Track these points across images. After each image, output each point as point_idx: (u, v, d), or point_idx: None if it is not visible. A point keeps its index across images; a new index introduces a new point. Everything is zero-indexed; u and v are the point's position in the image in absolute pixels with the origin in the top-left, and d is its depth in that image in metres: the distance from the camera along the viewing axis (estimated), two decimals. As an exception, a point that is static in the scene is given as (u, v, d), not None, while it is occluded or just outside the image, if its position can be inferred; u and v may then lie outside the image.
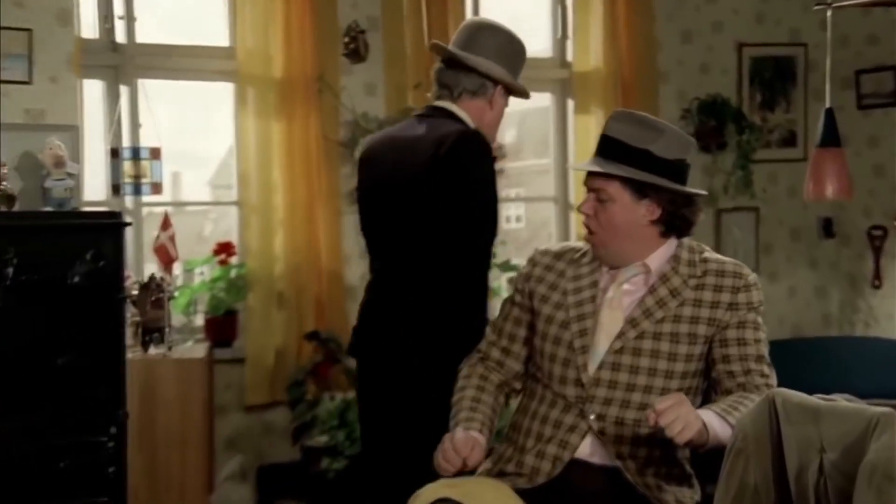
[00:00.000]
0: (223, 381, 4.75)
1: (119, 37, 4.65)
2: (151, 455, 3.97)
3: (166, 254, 4.22)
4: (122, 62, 4.63)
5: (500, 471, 2.42)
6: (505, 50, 2.95)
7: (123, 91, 4.63)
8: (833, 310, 5.89)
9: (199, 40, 4.92)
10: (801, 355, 5.34)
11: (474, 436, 2.38)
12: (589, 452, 2.36)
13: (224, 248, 4.79)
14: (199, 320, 4.82)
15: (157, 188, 4.46)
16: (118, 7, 4.64)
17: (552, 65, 5.41)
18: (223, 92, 4.95)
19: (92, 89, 4.56)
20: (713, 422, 2.16)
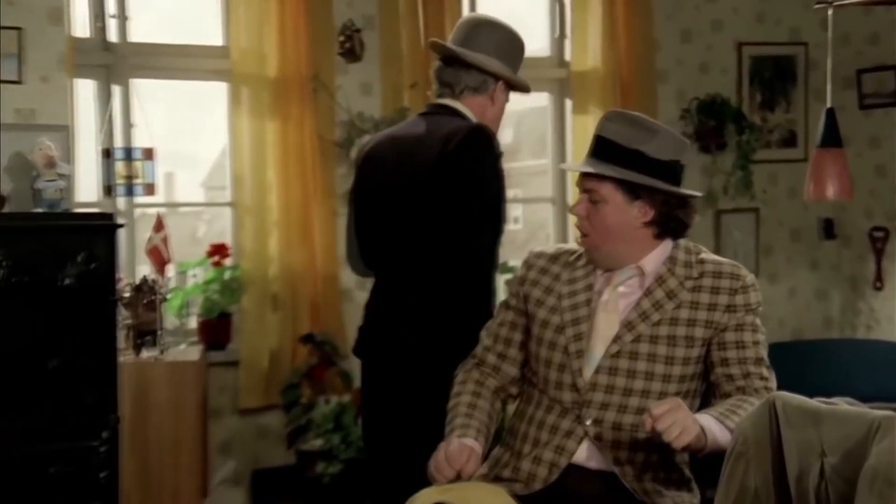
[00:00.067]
0: (217, 385, 4.75)
1: (111, 36, 4.64)
2: (144, 459, 3.96)
3: (159, 255, 4.21)
4: (114, 61, 4.62)
5: (497, 476, 2.42)
6: (504, 45, 2.97)
7: (116, 91, 4.63)
8: (834, 312, 5.90)
9: (192, 39, 4.92)
10: (801, 358, 5.35)
11: (469, 444, 2.37)
12: (586, 457, 2.35)
13: (218, 250, 4.79)
14: (193, 323, 4.81)
15: (149, 189, 4.45)
16: (110, 6, 4.63)
17: (550, 64, 5.41)
18: (217, 92, 4.95)
19: (84, 89, 4.55)
20: (711, 426, 2.16)
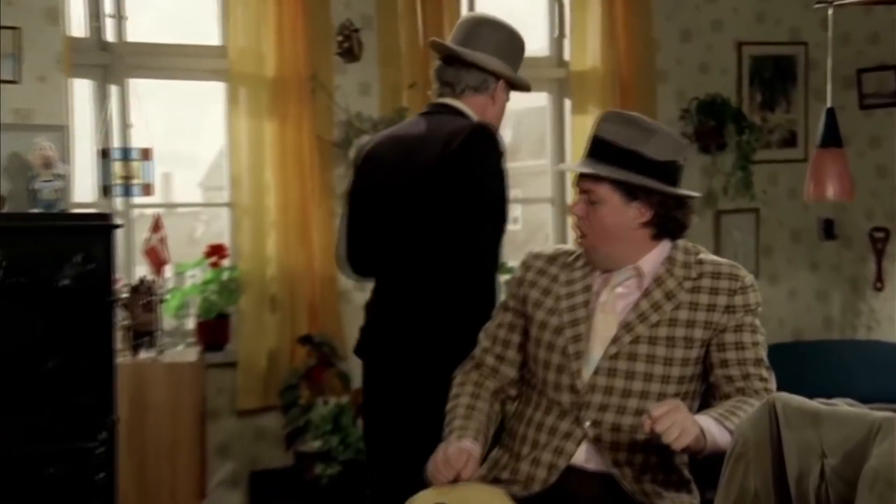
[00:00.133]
0: (215, 386, 4.75)
1: (109, 35, 4.64)
2: (141, 461, 3.96)
3: (157, 256, 4.21)
4: (111, 61, 4.62)
5: (495, 478, 2.42)
6: (505, 44, 2.98)
7: (113, 91, 4.63)
8: (834, 313, 5.90)
9: (190, 39, 4.92)
10: (801, 359, 5.35)
11: (468, 447, 2.37)
12: (585, 459, 2.36)
13: (216, 251, 4.79)
14: (191, 324, 4.81)
15: (147, 189, 4.45)
16: (108, 5, 4.63)
17: (549, 64, 5.42)
18: (214, 92, 4.94)
19: (81, 89, 4.55)
20: (711, 427, 2.16)
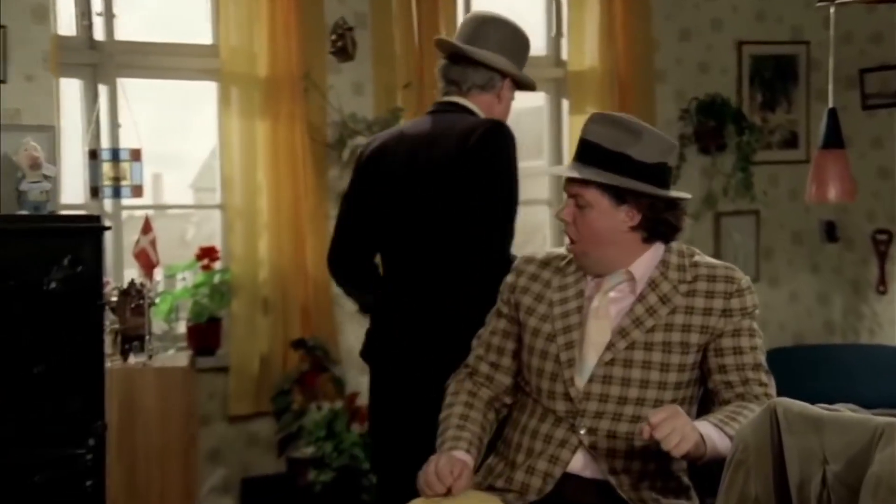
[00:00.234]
0: (206, 391, 4.74)
1: (97, 34, 4.63)
2: (131, 468, 3.96)
3: (147, 259, 4.21)
4: (100, 60, 4.62)
5: (490, 486, 2.42)
6: (510, 42, 3.00)
7: (102, 90, 4.62)
8: (836, 316, 5.91)
9: (180, 38, 4.91)
10: (803, 363, 5.36)
11: (461, 458, 2.36)
12: (581, 466, 2.36)
13: (207, 253, 4.78)
14: (181, 327, 4.81)
15: (137, 191, 4.45)
16: (97, 3, 4.63)
17: (546, 64, 5.42)
18: (206, 91, 4.94)
19: (69, 88, 4.55)
20: (711, 433, 2.16)
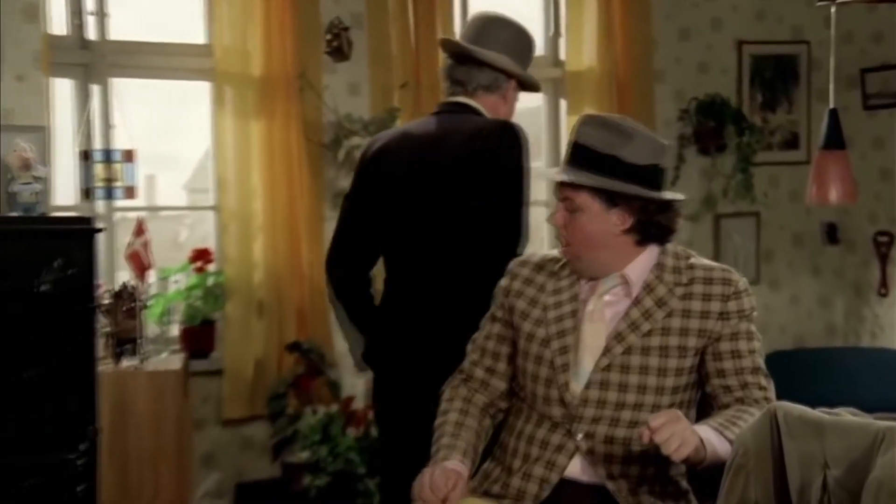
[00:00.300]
0: (200, 395, 4.74)
1: (90, 33, 4.64)
2: (124, 473, 3.95)
3: (140, 261, 4.20)
4: (92, 60, 4.61)
5: (486, 491, 2.43)
6: (515, 43, 3.01)
7: (94, 90, 4.62)
8: (837, 319, 5.91)
9: (174, 37, 4.91)
10: (803, 367, 5.36)
11: (456, 469, 2.36)
12: (579, 471, 2.36)
13: (201, 255, 4.78)
14: (175, 330, 4.80)
15: (130, 192, 4.44)
16: (89, 2, 4.63)
17: (544, 63, 5.41)
18: (199, 91, 4.94)
19: (61, 88, 4.54)
20: (711, 437, 2.16)
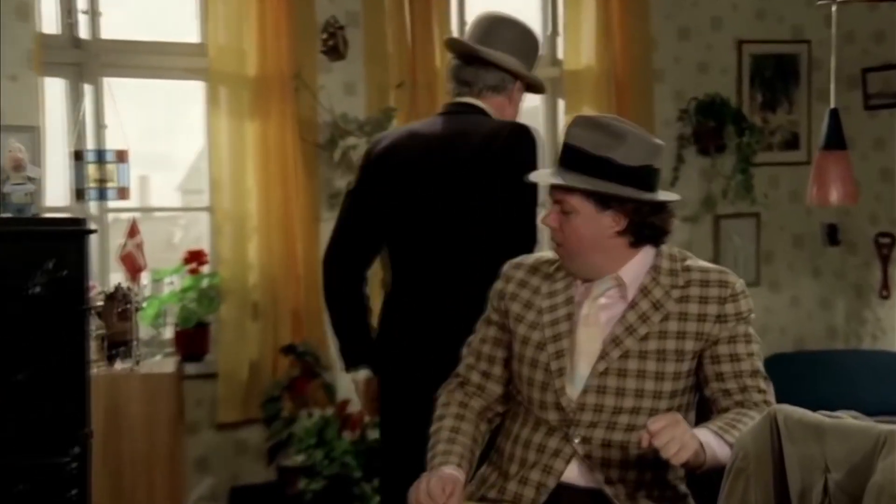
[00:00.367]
0: (194, 398, 4.73)
1: (82, 32, 4.63)
2: (117, 477, 3.95)
3: (133, 262, 4.20)
4: (85, 59, 4.61)
5: (483, 497, 2.43)
6: (521, 44, 3.04)
7: (87, 90, 4.62)
8: (838, 321, 5.91)
9: (167, 36, 4.92)
10: (804, 369, 5.36)
11: (452, 475, 2.36)
12: (576, 476, 2.36)
13: (195, 257, 4.78)
14: (169, 333, 4.80)
15: (123, 193, 4.44)
16: (81, 1, 4.62)
17: (542, 63, 5.34)
18: (193, 91, 4.94)
19: (53, 88, 4.54)
20: (710, 441, 2.16)
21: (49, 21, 4.52)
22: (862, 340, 5.83)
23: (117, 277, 4.35)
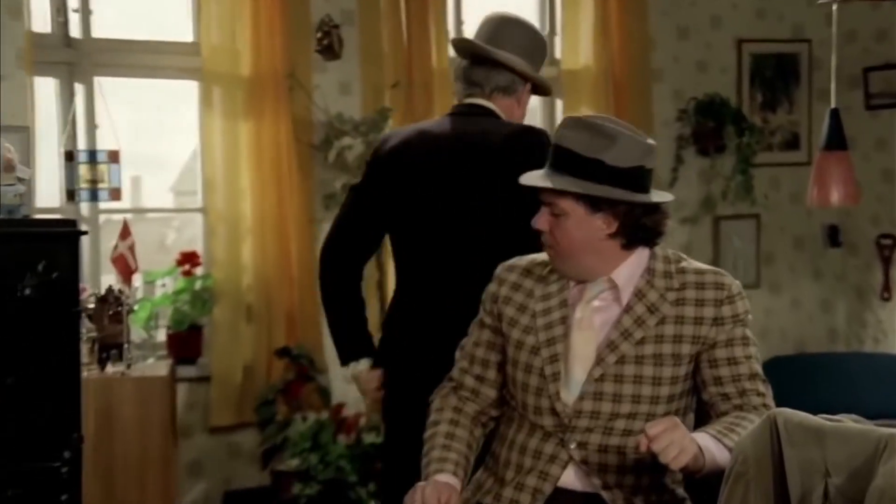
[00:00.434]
0: (187, 401, 4.73)
1: (74, 31, 4.63)
2: (108, 481, 3.94)
3: (125, 264, 4.19)
4: (77, 58, 4.61)
5: (479, 503, 2.42)
6: (529, 45, 3.05)
7: (79, 89, 4.62)
8: (839, 323, 5.92)
9: (160, 35, 4.91)
10: (805, 372, 5.36)
11: (448, 482, 2.36)
12: (572, 481, 2.36)
13: (188, 259, 4.78)
14: (161, 335, 4.80)
15: (115, 194, 4.45)
16: (73, -1, 4.63)
17: (540, 62, 5.42)
18: (187, 91, 4.94)
19: (44, 88, 4.54)
20: (709, 445, 2.16)
21: (40, 20, 4.51)
22: (863, 343, 5.83)
23: (109, 279, 4.35)
